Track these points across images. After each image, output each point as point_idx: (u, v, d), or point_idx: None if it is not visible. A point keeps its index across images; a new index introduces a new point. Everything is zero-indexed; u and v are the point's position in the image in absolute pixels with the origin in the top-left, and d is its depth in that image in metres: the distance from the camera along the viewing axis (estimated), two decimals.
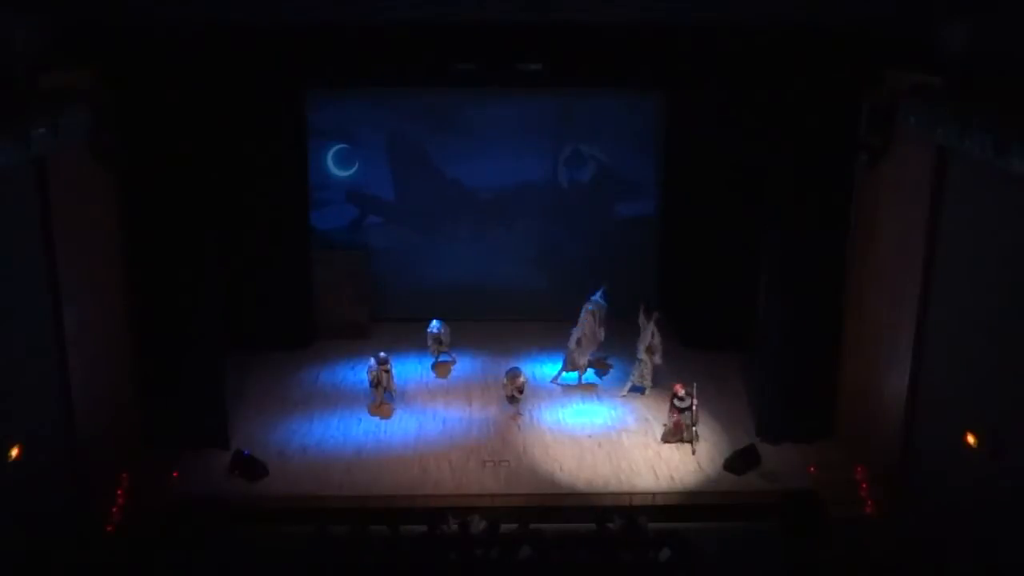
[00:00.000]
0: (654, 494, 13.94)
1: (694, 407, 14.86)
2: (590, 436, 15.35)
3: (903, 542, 12.98)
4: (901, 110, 12.84)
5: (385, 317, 19.22)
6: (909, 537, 12.95)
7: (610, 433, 15.45)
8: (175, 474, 14.08)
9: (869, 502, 13.88)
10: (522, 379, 15.87)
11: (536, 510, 13.53)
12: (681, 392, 14.92)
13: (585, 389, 16.90)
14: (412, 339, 17.89)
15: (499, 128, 18.83)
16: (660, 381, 16.36)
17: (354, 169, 19.19)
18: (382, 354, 16.11)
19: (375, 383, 16.01)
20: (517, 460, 14.66)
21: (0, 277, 11.26)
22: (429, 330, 17.49)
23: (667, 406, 15.15)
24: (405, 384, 16.79)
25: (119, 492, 13.78)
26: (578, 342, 16.79)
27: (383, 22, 13.79)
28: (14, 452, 11.19)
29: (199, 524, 12.91)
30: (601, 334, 17.10)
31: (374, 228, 19.58)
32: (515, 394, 15.82)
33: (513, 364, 16.69)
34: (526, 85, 17.04)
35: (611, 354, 17.65)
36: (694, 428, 14.94)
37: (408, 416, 15.96)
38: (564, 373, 17.02)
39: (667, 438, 15.05)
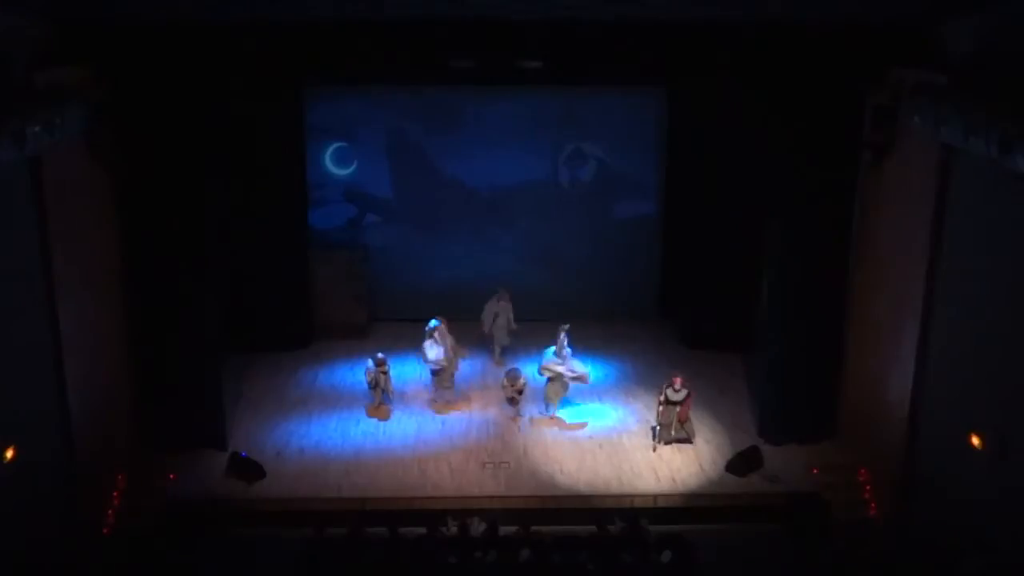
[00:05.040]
0: (655, 496, 13.85)
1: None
2: (591, 438, 15.25)
3: (907, 544, 12.88)
4: (905, 109, 12.77)
5: (384, 317, 19.12)
6: (913, 539, 12.85)
7: (611, 435, 15.35)
8: (172, 476, 13.98)
9: (873, 504, 13.79)
10: (522, 380, 15.76)
11: (536, 512, 13.46)
12: (678, 384, 14.79)
13: (585, 390, 16.77)
14: (411, 339, 17.75)
15: (499, 126, 18.72)
16: (653, 381, 16.15)
17: (353, 168, 19.08)
18: (380, 355, 16.00)
19: (373, 385, 15.91)
20: (517, 462, 14.57)
21: None
22: (428, 328, 17.38)
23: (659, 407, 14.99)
24: (404, 385, 16.68)
25: (115, 494, 13.72)
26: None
27: (382, 19, 13.69)
28: (9, 454, 11.09)
29: (195, 526, 12.81)
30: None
31: (373, 227, 19.48)
32: (515, 396, 15.71)
33: (513, 365, 16.57)
34: (526, 83, 16.95)
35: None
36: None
37: (407, 418, 15.86)
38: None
39: (665, 438, 14.93)
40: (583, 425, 15.64)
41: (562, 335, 15.62)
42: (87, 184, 13.50)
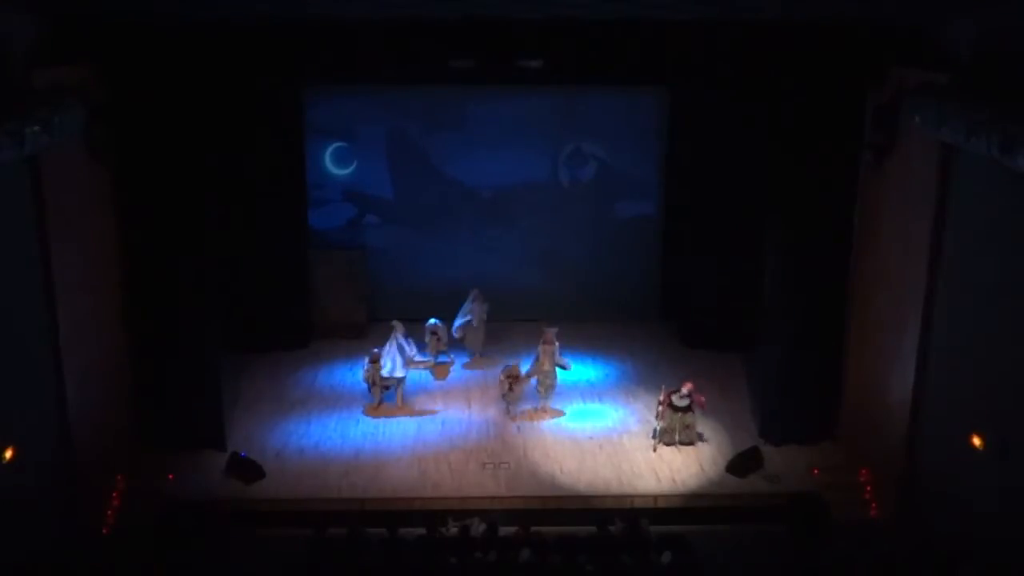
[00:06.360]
0: (656, 496, 13.81)
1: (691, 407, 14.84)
2: (591, 438, 15.22)
3: (908, 545, 12.85)
4: (906, 108, 12.71)
5: (383, 317, 19.03)
6: (914, 540, 12.82)
7: (611, 435, 15.31)
8: (170, 476, 13.94)
9: (873, 505, 13.76)
10: (517, 371, 15.66)
11: (536, 513, 13.41)
12: (685, 390, 14.77)
13: (585, 390, 16.77)
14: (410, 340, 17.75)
15: (499, 126, 18.69)
16: (653, 381, 16.13)
17: (352, 167, 19.05)
18: (375, 350, 15.96)
19: (371, 382, 15.87)
20: (517, 462, 14.53)
21: None
22: (427, 325, 17.34)
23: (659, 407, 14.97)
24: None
25: (114, 494, 13.66)
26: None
27: (382, 19, 13.65)
28: (8, 454, 11.05)
29: (195, 526, 12.77)
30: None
31: (372, 227, 19.45)
32: (511, 387, 15.56)
33: (509, 363, 16.48)
34: (527, 82, 16.93)
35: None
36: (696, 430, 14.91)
37: (406, 418, 15.82)
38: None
39: (666, 441, 14.88)
40: (583, 425, 15.61)
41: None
42: (86, 184, 13.45)
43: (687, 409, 14.79)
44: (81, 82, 12.80)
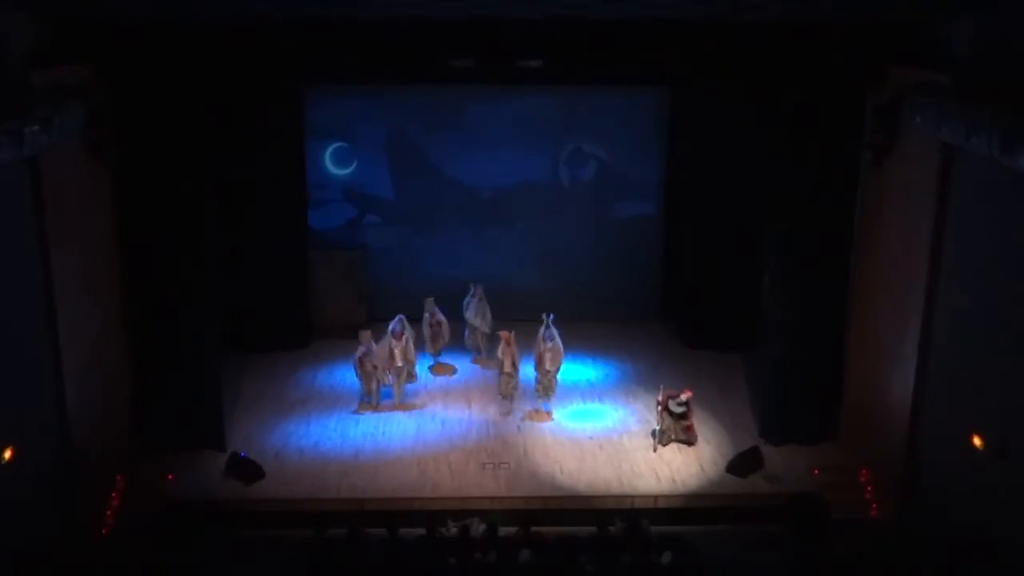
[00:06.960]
0: (656, 497, 13.81)
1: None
2: (591, 438, 15.21)
3: (908, 545, 12.84)
4: (906, 108, 12.71)
5: (383, 317, 19.00)
6: (914, 540, 12.81)
7: (611, 435, 15.31)
8: (170, 476, 13.94)
9: (874, 505, 13.75)
10: (508, 338, 15.60)
11: (536, 513, 13.38)
12: (684, 398, 14.78)
13: (585, 390, 16.77)
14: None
15: (499, 126, 18.69)
16: (653, 381, 16.11)
17: (352, 168, 19.05)
18: (366, 333, 15.92)
19: (364, 379, 15.83)
20: (517, 462, 14.53)
21: None
22: (425, 306, 17.24)
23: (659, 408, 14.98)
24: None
25: (113, 495, 13.67)
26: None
27: (382, 19, 13.65)
28: (7, 455, 11.03)
29: (194, 527, 12.77)
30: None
31: (372, 227, 19.45)
32: (510, 368, 15.49)
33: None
34: (527, 82, 16.93)
35: None
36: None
37: (406, 418, 15.82)
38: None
39: (665, 441, 14.87)
40: (583, 425, 15.60)
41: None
42: (85, 184, 13.44)
43: (684, 416, 14.80)
44: (81, 82, 12.79)
